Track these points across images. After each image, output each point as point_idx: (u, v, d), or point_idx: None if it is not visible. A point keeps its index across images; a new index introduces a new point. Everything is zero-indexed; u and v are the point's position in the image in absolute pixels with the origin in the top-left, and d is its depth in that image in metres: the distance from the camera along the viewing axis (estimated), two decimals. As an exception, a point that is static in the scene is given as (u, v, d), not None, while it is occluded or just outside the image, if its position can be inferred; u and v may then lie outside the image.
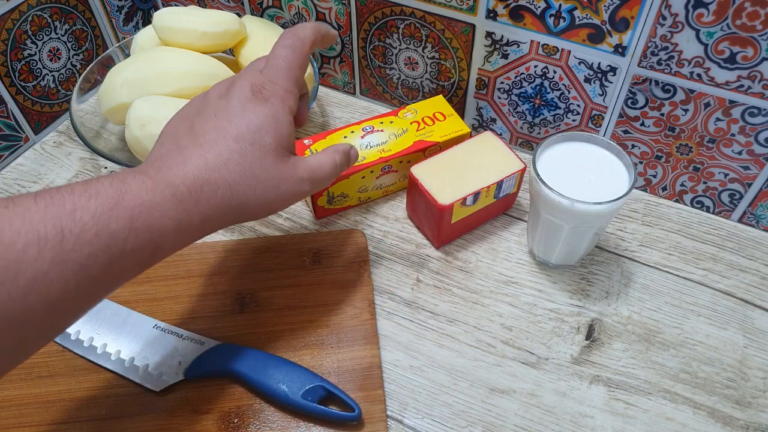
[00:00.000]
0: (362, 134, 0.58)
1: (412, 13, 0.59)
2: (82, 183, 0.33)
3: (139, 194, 0.34)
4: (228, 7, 0.70)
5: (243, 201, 0.38)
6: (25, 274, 0.29)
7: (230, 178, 0.38)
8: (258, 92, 0.40)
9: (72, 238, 0.31)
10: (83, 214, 0.31)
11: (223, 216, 0.38)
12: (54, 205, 0.31)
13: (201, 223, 0.37)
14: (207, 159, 0.37)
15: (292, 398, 0.43)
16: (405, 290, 0.53)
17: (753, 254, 0.56)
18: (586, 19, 0.51)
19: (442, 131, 0.58)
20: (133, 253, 0.34)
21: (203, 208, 0.37)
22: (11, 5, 0.58)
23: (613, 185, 0.47)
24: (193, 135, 0.39)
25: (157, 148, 0.40)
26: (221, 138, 0.38)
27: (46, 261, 0.30)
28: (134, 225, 0.33)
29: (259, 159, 0.39)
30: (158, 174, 0.36)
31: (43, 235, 0.30)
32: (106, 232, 0.32)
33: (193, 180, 0.37)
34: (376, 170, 0.56)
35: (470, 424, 0.45)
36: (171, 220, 0.35)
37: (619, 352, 0.49)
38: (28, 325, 0.30)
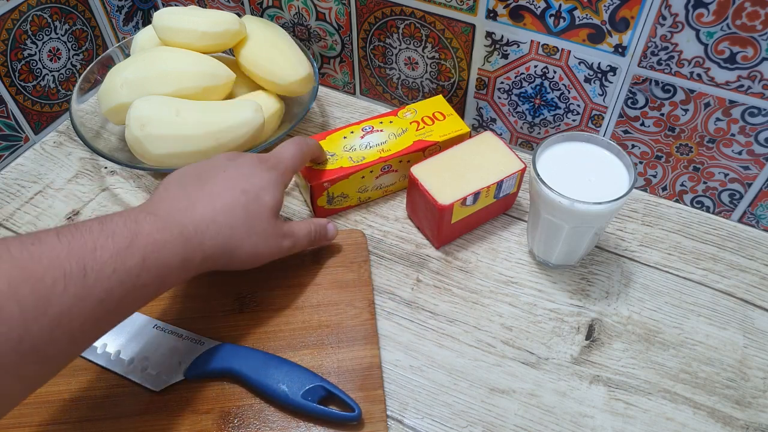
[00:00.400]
0: (362, 134, 0.58)
1: (412, 13, 0.59)
2: (97, 222, 0.36)
3: (151, 234, 0.37)
4: (228, 7, 0.70)
5: (238, 245, 0.43)
6: (53, 308, 0.31)
7: (233, 223, 0.42)
8: (264, 162, 0.47)
9: (93, 274, 0.33)
10: (103, 252, 0.34)
11: (219, 257, 0.42)
12: (76, 243, 0.34)
13: (200, 262, 0.41)
14: (215, 205, 0.42)
15: (292, 398, 0.43)
16: (405, 290, 0.53)
17: (753, 254, 0.56)
18: (586, 19, 0.51)
19: (442, 131, 0.58)
20: (143, 287, 0.37)
21: (205, 247, 0.41)
22: (11, 5, 0.58)
23: (613, 185, 0.47)
24: (202, 185, 0.44)
25: (162, 192, 0.43)
26: (229, 189, 0.44)
27: (70, 296, 0.32)
28: (146, 262, 0.36)
29: (258, 213, 0.44)
30: (168, 215, 0.40)
31: (68, 272, 0.32)
32: (123, 269, 0.35)
33: (199, 220, 0.41)
34: (376, 170, 0.56)
35: (470, 424, 0.45)
36: (177, 257, 0.39)
37: (619, 352, 0.49)
38: (51, 355, 0.33)
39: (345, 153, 0.56)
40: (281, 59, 0.59)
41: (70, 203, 0.60)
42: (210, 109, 0.55)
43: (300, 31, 0.68)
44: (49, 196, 0.60)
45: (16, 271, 0.31)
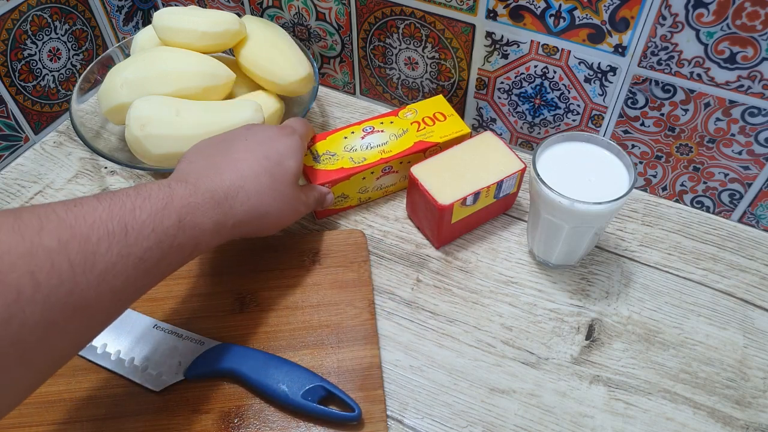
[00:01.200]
0: (363, 135, 0.58)
1: (412, 13, 0.59)
2: (132, 188, 0.38)
3: (184, 197, 0.39)
4: (228, 7, 0.70)
5: (267, 210, 0.45)
6: (99, 265, 0.33)
7: (260, 188, 0.44)
8: (282, 130, 0.49)
9: (134, 233, 0.35)
10: (141, 213, 0.36)
11: (249, 222, 0.44)
12: (116, 204, 0.35)
13: (232, 226, 0.42)
14: (242, 171, 0.44)
15: (292, 398, 0.43)
16: (405, 290, 0.53)
17: (753, 254, 0.56)
18: (586, 19, 0.51)
19: (443, 132, 0.58)
20: (179, 248, 0.38)
21: (236, 212, 0.42)
22: (11, 5, 0.58)
23: (613, 185, 0.47)
24: (225, 154, 0.45)
25: (185, 165, 0.44)
26: (252, 156, 0.45)
27: (113, 254, 0.34)
28: (182, 223, 0.38)
29: (282, 178, 0.46)
30: (198, 181, 0.41)
31: (111, 230, 0.34)
32: (161, 228, 0.37)
33: (228, 186, 0.42)
34: (377, 171, 0.56)
35: (470, 424, 0.45)
36: (210, 220, 0.40)
37: (619, 352, 0.49)
38: (97, 310, 0.34)
39: (346, 153, 0.56)
40: (281, 59, 0.59)
41: (70, 203, 0.60)
42: (210, 109, 0.55)
43: (300, 31, 0.68)
44: (49, 196, 0.60)
45: (64, 230, 0.32)
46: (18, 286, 0.29)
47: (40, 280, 0.30)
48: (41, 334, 0.30)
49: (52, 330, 0.31)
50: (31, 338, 0.30)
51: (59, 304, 0.31)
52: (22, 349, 0.30)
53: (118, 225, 0.34)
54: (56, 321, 0.31)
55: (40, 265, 0.30)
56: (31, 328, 0.30)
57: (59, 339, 0.32)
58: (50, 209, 0.33)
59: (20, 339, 0.29)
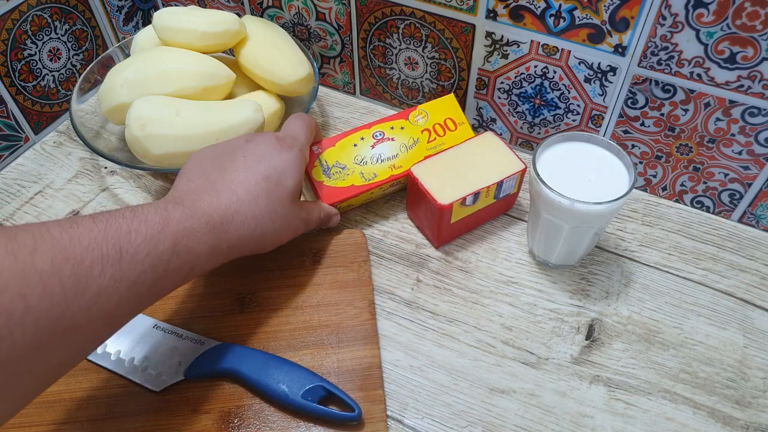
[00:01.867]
0: (373, 142, 0.56)
1: (412, 13, 0.59)
2: (129, 209, 0.37)
3: (181, 221, 0.39)
4: (228, 7, 0.70)
5: (263, 233, 0.44)
6: (91, 289, 0.33)
7: (257, 212, 0.43)
8: (281, 143, 0.47)
9: (128, 257, 0.35)
10: (137, 236, 0.36)
11: (245, 245, 0.43)
12: (112, 226, 0.35)
13: (227, 250, 0.42)
14: (239, 194, 0.43)
15: (292, 398, 0.43)
16: (405, 290, 0.53)
17: (753, 254, 0.56)
18: (586, 19, 0.51)
19: (453, 143, 0.57)
20: (173, 272, 0.38)
21: (231, 236, 0.42)
22: (11, 5, 0.58)
23: (613, 185, 0.47)
24: (223, 172, 0.44)
25: (184, 182, 0.44)
26: (251, 176, 0.44)
27: (107, 277, 0.33)
28: (177, 248, 0.38)
29: (280, 198, 0.45)
30: (194, 204, 0.41)
31: (105, 253, 0.33)
32: (155, 253, 0.36)
33: (225, 211, 0.42)
34: (386, 187, 0.56)
35: (470, 424, 0.45)
36: (206, 245, 0.40)
37: (619, 352, 0.49)
38: (87, 332, 0.34)
39: (356, 167, 0.55)
40: (281, 59, 0.59)
41: (70, 203, 0.60)
42: (210, 109, 0.55)
43: (300, 31, 0.68)
44: (49, 196, 0.60)
45: (58, 252, 0.32)
46: (9, 308, 0.29)
47: (31, 302, 0.30)
48: (31, 355, 0.30)
49: (41, 351, 0.31)
50: (21, 360, 0.30)
51: (49, 326, 0.31)
52: (10, 369, 0.30)
53: (113, 248, 0.34)
54: (46, 343, 0.31)
55: (31, 287, 0.30)
56: (21, 350, 0.30)
57: (48, 360, 0.32)
58: (45, 229, 0.32)
59: (9, 360, 0.29)
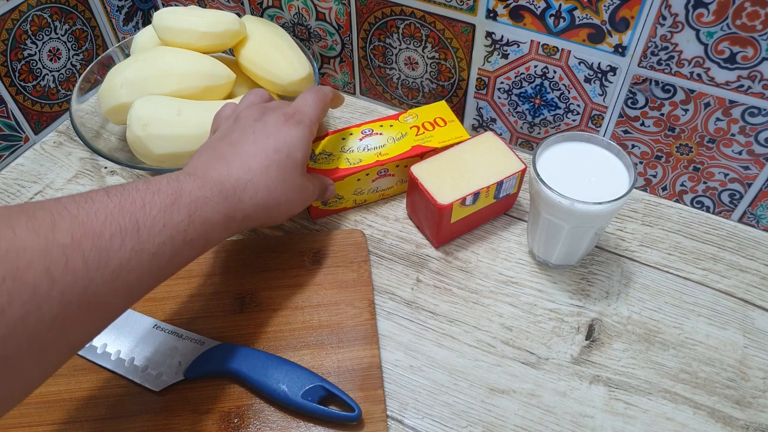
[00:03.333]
0: (361, 136, 0.58)
1: (412, 13, 0.59)
2: (141, 182, 0.37)
3: (193, 191, 0.39)
4: (228, 7, 0.70)
5: (277, 203, 0.45)
6: (113, 261, 0.33)
7: (269, 182, 0.44)
8: (290, 117, 0.47)
9: (145, 229, 0.35)
10: (152, 208, 0.36)
11: (259, 215, 0.44)
12: (126, 200, 0.35)
13: (242, 220, 0.42)
14: (250, 165, 0.43)
15: (292, 398, 0.43)
16: (405, 290, 0.53)
17: (753, 254, 0.56)
18: (586, 19, 0.51)
19: (442, 137, 0.58)
20: (191, 243, 0.38)
21: (245, 206, 0.42)
22: (11, 5, 0.58)
23: (613, 185, 0.47)
24: (234, 146, 0.45)
25: (195, 158, 0.45)
26: (261, 149, 0.44)
27: (127, 250, 0.34)
28: (192, 218, 0.38)
29: (291, 169, 0.45)
30: (206, 174, 0.41)
31: (123, 227, 0.34)
32: (171, 224, 0.37)
33: (237, 180, 0.42)
34: (372, 173, 0.56)
35: (470, 424, 0.45)
36: (219, 214, 0.40)
37: (619, 352, 0.49)
38: (110, 305, 0.34)
39: (342, 154, 0.56)
40: (281, 59, 0.59)
41: (70, 203, 0.60)
42: (211, 109, 0.55)
43: (300, 31, 0.68)
44: (48, 196, 0.60)
45: (77, 227, 0.32)
46: (35, 283, 0.29)
47: (55, 277, 0.30)
48: (57, 330, 0.31)
49: (66, 325, 0.31)
50: (48, 334, 0.30)
51: (74, 300, 0.31)
52: (38, 344, 0.30)
53: (130, 221, 0.34)
54: (71, 317, 0.31)
55: (55, 262, 0.30)
56: (48, 325, 0.30)
57: (73, 334, 0.32)
58: (61, 206, 0.33)
59: (37, 335, 0.30)
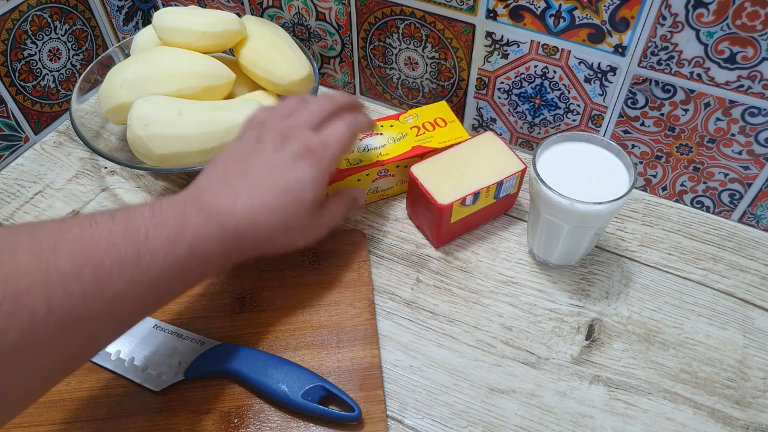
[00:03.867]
0: (361, 137, 0.58)
1: (412, 13, 0.59)
2: (148, 208, 0.38)
3: (197, 227, 0.39)
4: (228, 7, 0.70)
5: (274, 242, 0.44)
6: (110, 291, 0.33)
7: (271, 224, 0.43)
8: (310, 153, 0.45)
9: (146, 260, 0.35)
10: (154, 240, 0.36)
11: (255, 251, 0.44)
12: (131, 229, 0.35)
13: (237, 255, 0.42)
14: (255, 203, 0.42)
15: (292, 398, 0.43)
16: (405, 290, 0.53)
17: (753, 254, 0.56)
18: (586, 19, 0.51)
19: (442, 137, 0.58)
20: (188, 276, 0.39)
21: (243, 244, 0.42)
22: (11, 5, 0.58)
23: (613, 185, 0.47)
24: (245, 178, 0.44)
25: (205, 178, 0.44)
26: (270, 187, 0.43)
27: (125, 280, 0.34)
28: (192, 253, 0.38)
29: (297, 211, 0.44)
30: (211, 209, 0.41)
31: (123, 256, 0.34)
32: (171, 257, 0.37)
33: (240, 219, 0.41)
34: (372, 173, 0.56)
35: (470, 424, 0.45)
36: (218, 250, 0.40)
37: (619, 352, 0.49)
38: (105, 332, 0.35)
39: None
40: (281, 59, 0.59)
41: (70, 203, 0.60)
42: (212, 109, 0.55)
43: (300, 31, 0.68)
44: (49, 196, 0.60)
45: (78, 253, 0.32)
46: (32, 309, 0.30)
47: (53, 303, 0.31)
48: (52, 353, 0.31)
49: (62, 349, 0.32)
50: (43, 359, 0.31)
51: (70, 326, 0.32)
52: (32, 365, 0.31)
53: (132, 251, 0.35)
54: (67, 341, 0.32)
55: (53, 288, 0.31)
56: (43, 348, 0.31)
57: (68, 358, 0.33)
58: (65, 228, 0.33)
59: (34, 361, 0.30)
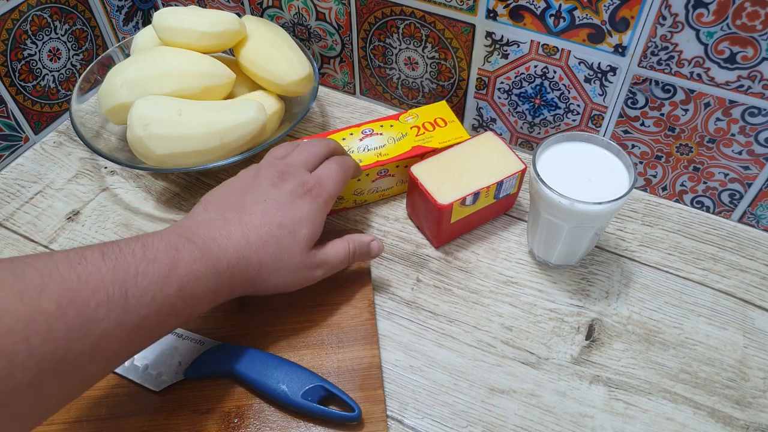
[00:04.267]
0: (361, 137, 0.58)
1: (412, 13, 0.59)
2: (140, 244, 0.37)
3: (189, 263, 0.38)
4: (228, 7, 0.70)
5: (266, 279, 0.43)
6: (95, 331, 0.32)
7: (263, 259, 0.42)
8: (308, 191, 0.45)
9: (133, 301, 0.34)
10: (143, 279, 0.35)
11: (245, 289, 0.43)
12: (120, 266, 0.35)
13: (227, 293, 0.41)
14: (249, 239, 0.42)
15: (292, 398, 0.43)
16: (405, 290, 0.53)
17: (753, 254, 0.56)
18: (586, 19, 0.51)
19: (442, 137, 0.58)
20: (176, 316, 0.38)
21: (234, 281, 0.41)
22: (11, 5, 0.58)
23: (613, 185, 0.47)
24: (241, 212, 0.43)
25: (200, 211, 0.44)
26: (266, 223, 0.43)
27: (111, 320, 0.33)
28: (182, 293, 0.37)
29: (291, 248, 0.43)
30: (204, 244, 0.40)
31: (111, 296, 0.33)
32: (161, 297, 0.36)
33: (232, 255, 0.41)
34: (372, 173, 0.56)
35: (470, 424, 0.45)
36: (209, 289, 0.39)
37: (619, 352, 0.49)
38: (88, 373, 0.34)
39: None
40: (281, 59, 0.59)
41: (70, 203, 0.60)
42: (213, 109, 0.55)
43: (300, 31, 0.68)
44: (49, 196, 0.60)
45: (64, 293, 0.32)
46: (12, 350, 0.29)
47: (34, 345, 0.30)
48: (31, 396, 0.30)
49: (41, 392, 0.31)
50: (21, 400, 0.30)
51: (51, 367, 0.31)
52: (10, 410, 0.30)
53: (119, 291, 0.34)
54: (47, 383, 0.31)
55: (36, 330, 0.30)
56: (22, 391, 0.30)
57: (48, 399, 0.32)
58: (54, 265, 0.32)
59: (9, 401, 0.29)
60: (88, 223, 0.58)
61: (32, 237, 0.57)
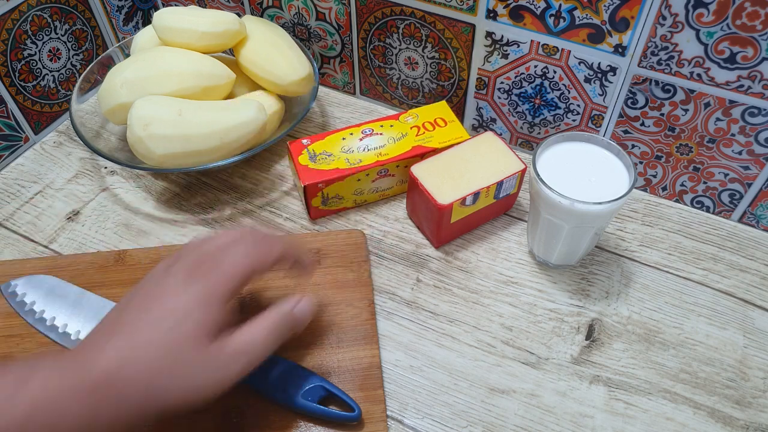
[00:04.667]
0: (361, 136, 0.58)
1: (412, 13, 0.59)
2: (9, 365, 0.32)
3: (45, 379, 0.31)
4: (228, 7, 0.70)
5: (165, 386, 0.35)
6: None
7: (152, 359, 0.34)
8: (191, 273, 0.38)
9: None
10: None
11: (144, 406, 0.34)
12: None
13: (115, 415, 0.33)
14: (134, 340, 0.35)
15: (292, 398, 0.43)
16: (405, 290, 0.53)
17: (753, 254, 0.56)
18: (586, 19, 0.51)
19: (442, 137, 0.58)
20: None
21: (121, 391, 0.33)
22: (11, 5, 0.58)
23: (613, 185, 0.47)
24: (119, 316, 0.37)
25: (95, 329, 0.37)
26: (142, 322, 0.36)
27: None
28: (36, 408, 0.31)
29: (178, 344, 0.35)
30: (72, 357, 0.34)
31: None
32: (10, 415, 0.30)
33: (112, 359, 0.34)
34: (372, 173, 0.56)
35: (470, 424, 0.45)
36: (79, 404, 0.32)
37: (619, 352, 0.49)
38: None
39: (342, 154, 0.56)
40: (281, 59, 0.59)
41: (70, 203, 0.60)
42: (213, 109, 0.55)
43: (300, 31, 0.68)
44: (49, 196, 0.60)
45: None
46: None
47: None
48: None
49: None
50: None
51: None
52: None
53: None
54: None
55: None
56: None
57: None
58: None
59: None
60: (88, 223, 0.58)
61: (32, 237, 0.57)
